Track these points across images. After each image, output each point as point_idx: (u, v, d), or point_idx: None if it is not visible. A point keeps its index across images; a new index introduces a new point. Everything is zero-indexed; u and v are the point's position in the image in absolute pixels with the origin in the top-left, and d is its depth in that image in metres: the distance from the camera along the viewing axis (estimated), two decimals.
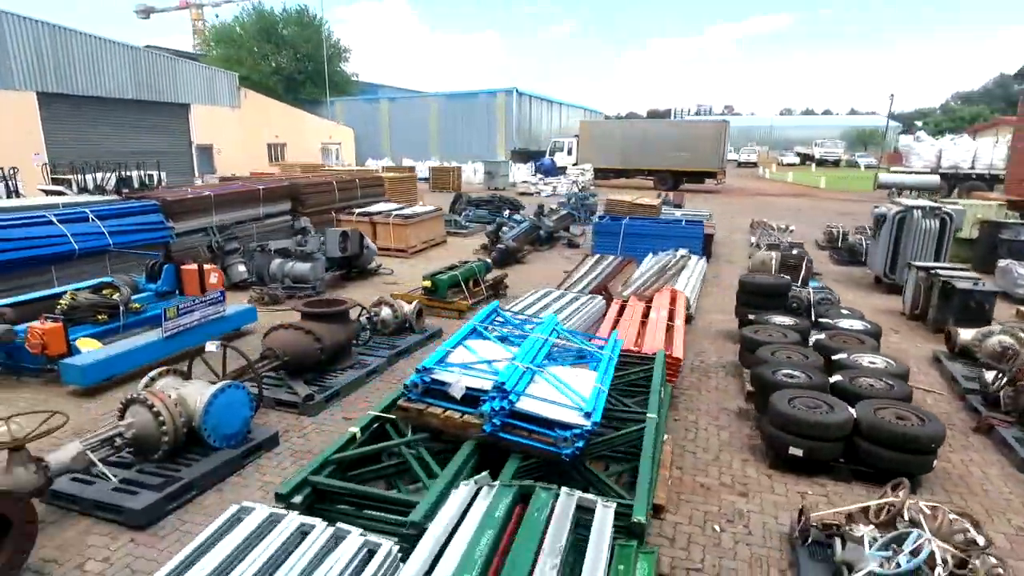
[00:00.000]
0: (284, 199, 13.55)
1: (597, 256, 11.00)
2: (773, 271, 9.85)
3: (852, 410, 4.63)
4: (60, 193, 12.27)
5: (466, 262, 9.63)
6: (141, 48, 21.81)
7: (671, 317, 7.16)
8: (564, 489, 3.10)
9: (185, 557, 2.78)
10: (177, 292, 7.97)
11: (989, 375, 5.58)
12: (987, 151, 25.25)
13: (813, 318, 7.39)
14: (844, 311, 7.45)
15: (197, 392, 4.67)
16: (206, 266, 7.91)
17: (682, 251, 11.22)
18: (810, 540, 3.65)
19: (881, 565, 3.03)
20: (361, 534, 2.94)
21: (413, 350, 7.21)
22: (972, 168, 25.35)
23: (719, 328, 8.34)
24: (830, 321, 6.99)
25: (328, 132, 33.98)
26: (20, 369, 6.33)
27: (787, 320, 6.99)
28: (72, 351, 6.10)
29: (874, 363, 5.69)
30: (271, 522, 3.01)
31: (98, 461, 4.16)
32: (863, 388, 5.07)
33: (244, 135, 26.97)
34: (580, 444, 3.58)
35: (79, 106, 20.64)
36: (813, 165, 56.60)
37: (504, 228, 13.25)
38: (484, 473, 3.25)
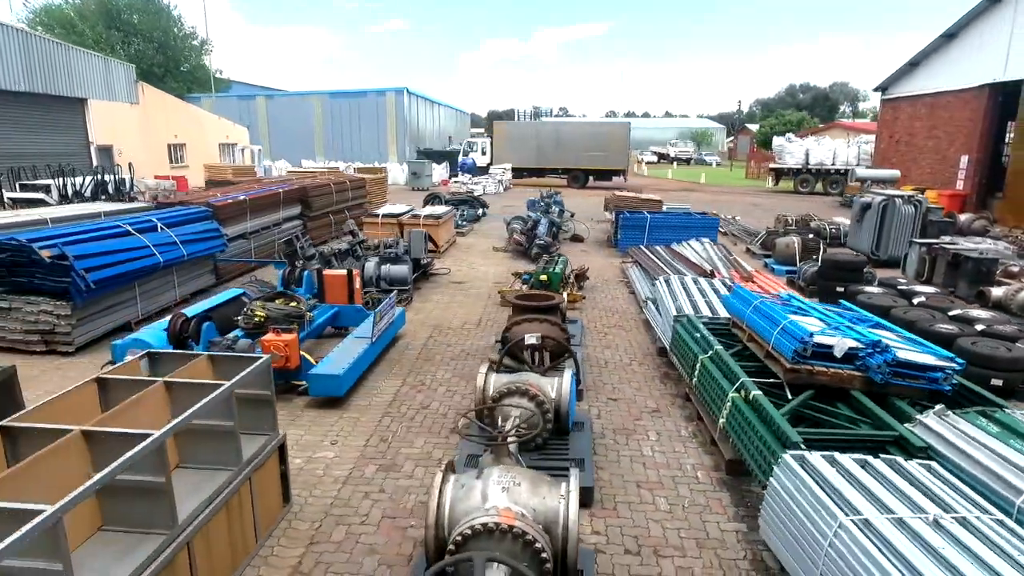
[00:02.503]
0: (296, 202, 12.91)
1: (641, 247, 12.01)
2: (797, 254, 11.58)
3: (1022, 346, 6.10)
4: (41, 202, 10.50)
5: (559, 256, 10.18)
6: (34, 33, 18.71)
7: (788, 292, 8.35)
8: (1005, 407, 4.05)
9: (843, 499, 3.29)
10: (317, 299, 7.61)
11: None
12: (843, 151, 30.32)
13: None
14: (902, 280, 9.19)
15: (547, 381, 4.91)
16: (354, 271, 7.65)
17: (706, 239, 12.64)
18: None
19: None
20: (906, 459, 3.66)
21: (582, 338, 7.68)
22: (833, 164, 30.29)
23: None
24: (907, 287, 8.63)
25: (225, 132, 31.26)
26: None
27: (876, 289, 8.52)
28: (304, 364, 5.80)
29: (981, 316, 7.31)
30: (833, 461, 3.60)
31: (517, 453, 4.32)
32: (1007, 332, 6.60)
33: (144, 134, 24.09)
34: (954, 380, 4.55)
35: None
36: (675, 164, 62.60)
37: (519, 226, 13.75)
38: (940, 406, 4.09)
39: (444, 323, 8.47)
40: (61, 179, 11.32)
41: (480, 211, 18.74)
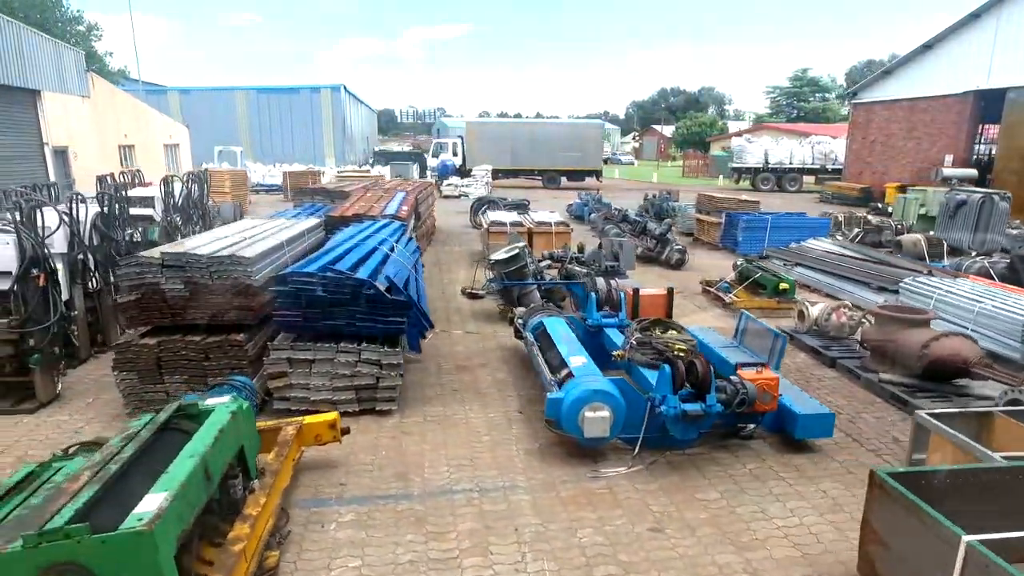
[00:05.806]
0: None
1: (777, 248, 11.96)
2: (925, 250, 12.12)
3: None
4: (150, 219, 8.28)
5: (749, 262, 9.89)
6: None
7: None
8: None
9: None
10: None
11: None
12: (799, 151, 32.62)
13: None
14: None
15: None
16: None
17: (822, 238, 12.84)
18: None
19: None
20: None
21: None
22: (791, 163, 32.47)
23: None
24: None
25: (168, 131, 27.38)
26: (663, 443, 4.85)
27: None
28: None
29: None
30: None
31: None
32: None
33: (97, 134, 20.42)
34: None
35: None
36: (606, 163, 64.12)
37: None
38: None
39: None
40: (165, 188, 9.07)
41: (532, 216, 17.86)
